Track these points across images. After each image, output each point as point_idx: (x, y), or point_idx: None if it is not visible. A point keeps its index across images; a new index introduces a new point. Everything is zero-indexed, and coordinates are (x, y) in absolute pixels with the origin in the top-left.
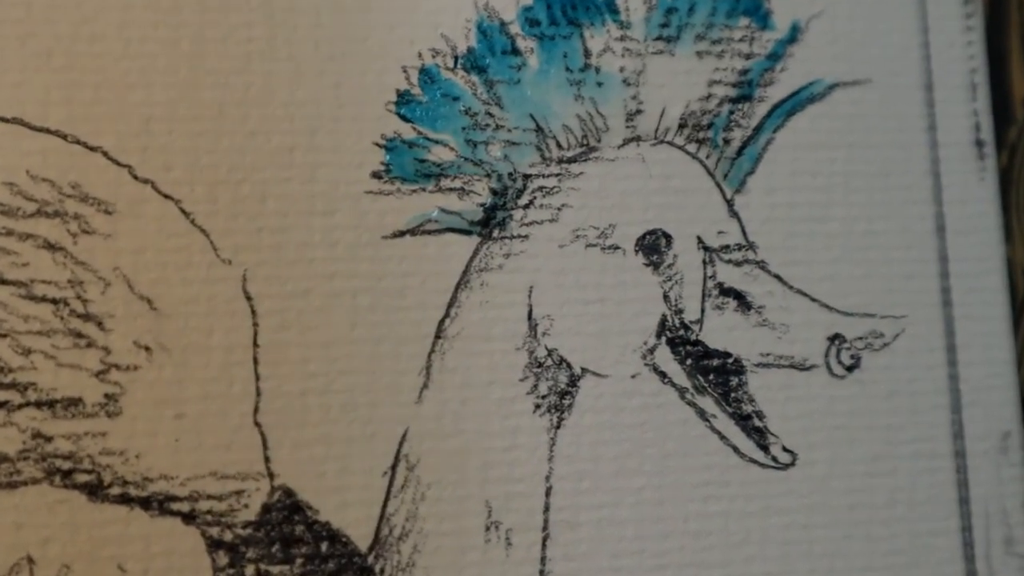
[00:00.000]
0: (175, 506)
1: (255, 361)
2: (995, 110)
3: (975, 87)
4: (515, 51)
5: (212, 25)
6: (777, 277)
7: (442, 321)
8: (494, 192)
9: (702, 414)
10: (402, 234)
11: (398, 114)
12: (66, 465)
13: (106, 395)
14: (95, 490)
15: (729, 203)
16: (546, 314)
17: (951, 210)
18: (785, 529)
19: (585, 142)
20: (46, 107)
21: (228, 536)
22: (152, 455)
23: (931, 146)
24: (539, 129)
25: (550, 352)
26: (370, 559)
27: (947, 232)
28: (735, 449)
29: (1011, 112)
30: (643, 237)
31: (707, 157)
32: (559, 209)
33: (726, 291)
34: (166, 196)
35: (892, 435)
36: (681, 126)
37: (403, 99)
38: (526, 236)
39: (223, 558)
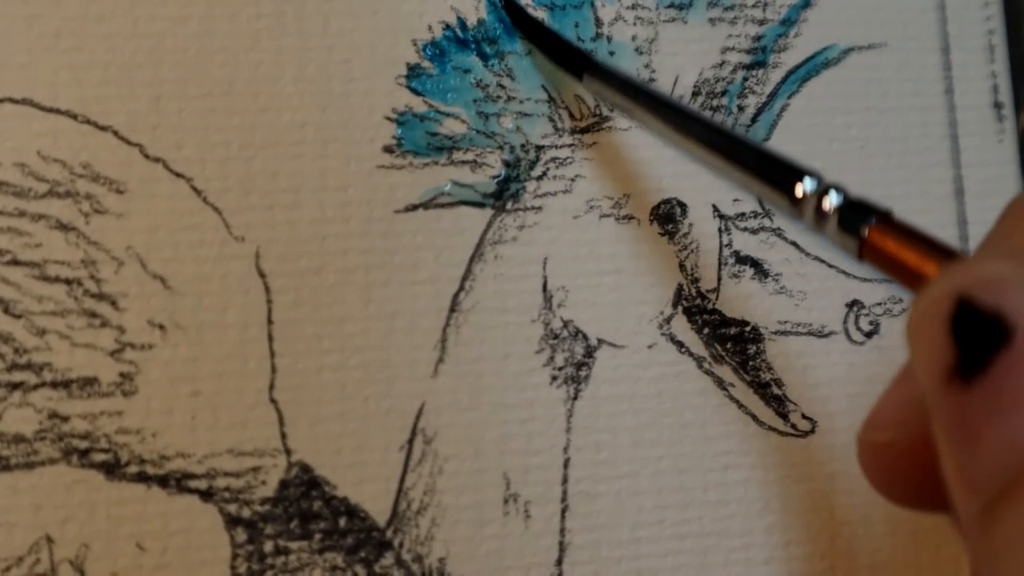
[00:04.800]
0: (193, 484)
1: (270, 338)
2: (1013, 71)
3: (993, 48)
4: None
5: (220, 3)
6: (794, 244)
7: (457, 295)
8: (507, 164)
9: (720, 383)
10: (415, 208)
11: (409, 87)
12: (83, 445)
13: (121, 374)
14: (112, 469)
15: None
16: (561, 285)
17: (970, 173)
18: (806, 497)
19: (598, 112)
20: (55, 88)
21: (246, 513)
22: (169, 433)
23: (949, 109)
24: (551, 100)
25: (566, 323)
26: (388, 533)
27: (966, 195)
28: (754, 418)
29: None
30: (658, 206)
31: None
32: (573, 180)
33: (742, 259)
34: (177, 175)
35: None
36: (695, 94)
37: (414, 72)
38: (540, 208)
39: (241, 535)
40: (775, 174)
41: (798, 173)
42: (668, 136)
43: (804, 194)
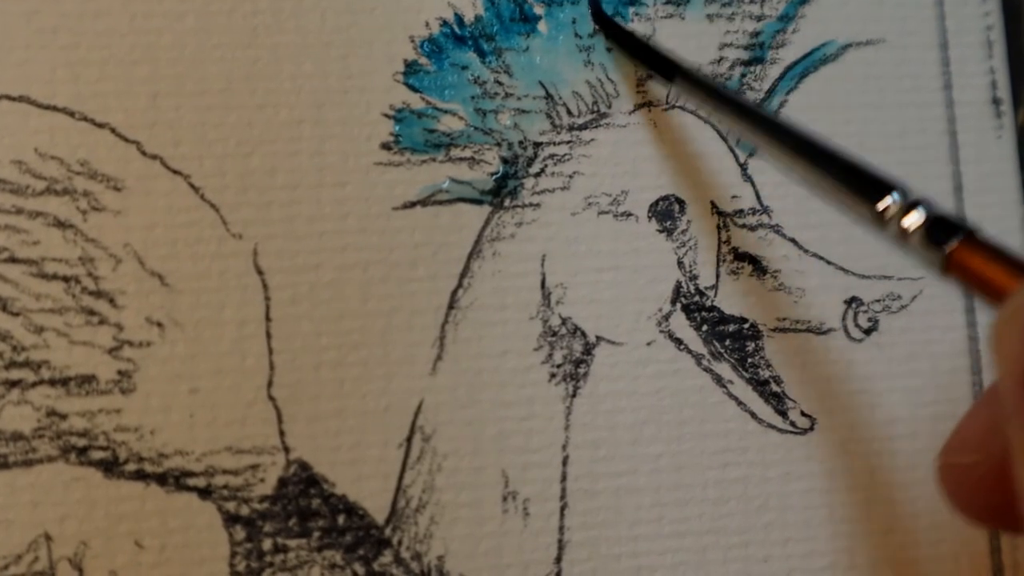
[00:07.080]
0: (191, 481)
1: (268, 335)
2: (1011, 67)
3: (991, 44)
4: (523, 18)
5: None
6: (792, 241)
7: (455, 292)
8: (505, 161)
9: (719, 380)
10: (413, 205)
11: (406, 84)
12: (81, 442)
13: (119, 372)
14: (111, 467)
15: (743, 167)
16: (559, 282)
17: (968, 169)
18: (805, 494)
19: (596, 109)
20: (52, 85)
21: (245, 511)
22: (167, 431)
23: (947, 105)
24: (549, 96)
25: (564, 321)
26: (387, 531)
27: (964, 191)
28: (753, 415)
29: None
30: (656, 203)
31: (720, 121)
32: (571, 177)
33: (741, 256)
34: (175, 171)
35: (912, 397)
36: None
37: (411, 69)
38: (538, 204)
39: (240, 532)
40: (860, 186)
41: (885, 187)
42: (753, 141)
43: (889, 208)
